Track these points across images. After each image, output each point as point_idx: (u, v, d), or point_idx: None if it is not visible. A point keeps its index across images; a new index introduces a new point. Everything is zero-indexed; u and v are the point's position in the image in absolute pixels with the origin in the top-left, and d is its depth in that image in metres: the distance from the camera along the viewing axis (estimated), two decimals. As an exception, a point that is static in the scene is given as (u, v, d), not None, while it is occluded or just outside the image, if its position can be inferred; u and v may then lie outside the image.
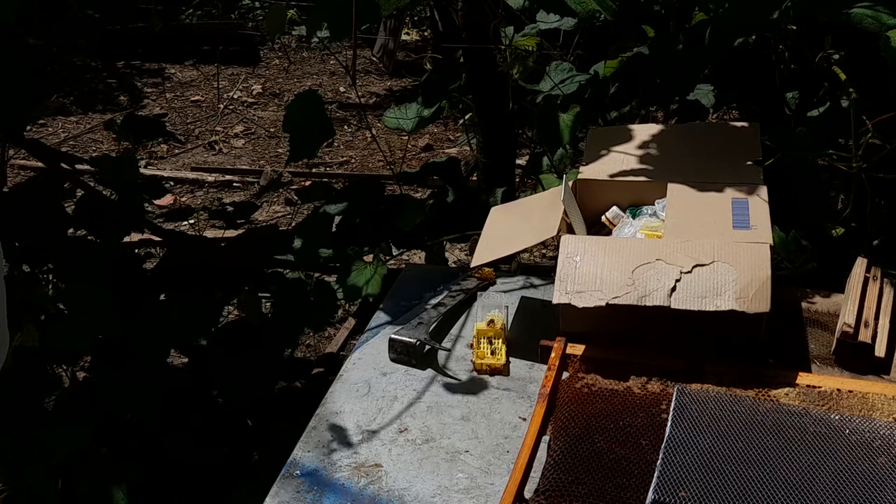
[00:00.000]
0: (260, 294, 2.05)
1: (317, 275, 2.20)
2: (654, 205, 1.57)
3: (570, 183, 1.57)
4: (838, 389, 1.26)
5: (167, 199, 4.09)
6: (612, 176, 1.62)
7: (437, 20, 2.69)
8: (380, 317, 1.59)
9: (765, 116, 1.89)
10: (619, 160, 1.66)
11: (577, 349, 1.37)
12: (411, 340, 1.46)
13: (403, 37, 5.98)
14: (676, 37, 1.95)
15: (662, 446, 1.14)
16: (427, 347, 1.47)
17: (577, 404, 1.27)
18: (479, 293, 1.63)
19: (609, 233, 1.58)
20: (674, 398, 1.22)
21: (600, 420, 1.24)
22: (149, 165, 4.63)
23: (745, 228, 1.41)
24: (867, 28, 1.46)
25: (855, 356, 1.36)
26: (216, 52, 5.45)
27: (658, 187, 1.57)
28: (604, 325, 1.39)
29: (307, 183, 4.18)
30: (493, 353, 1.43)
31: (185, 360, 2.31)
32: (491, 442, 1.28)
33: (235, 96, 5.48)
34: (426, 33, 5.88)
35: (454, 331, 1.54)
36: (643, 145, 1.69)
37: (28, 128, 2.99)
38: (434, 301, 1.58)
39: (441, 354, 1.47)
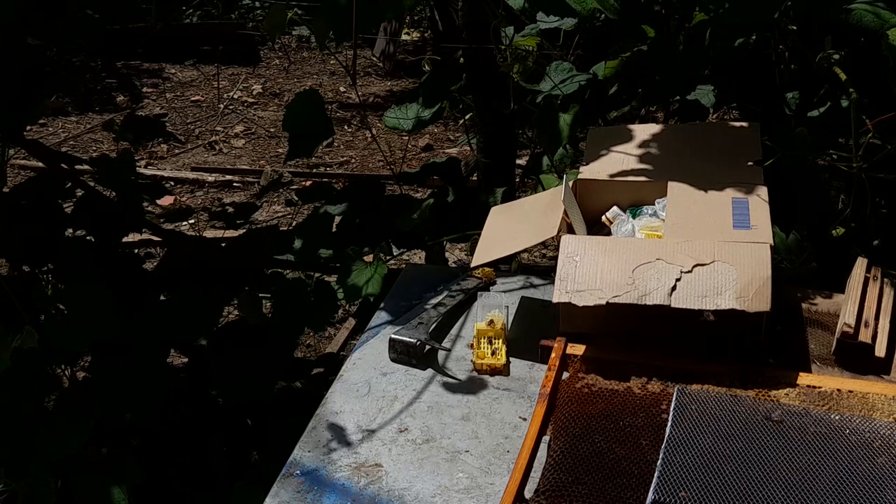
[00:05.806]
0: (260, 294, 2.05)
1: (317, 275, 2.20)
2: (654, 204, 1.57)
3: (570, 183, 1.57)
4: (838, 389, 1.26)
5: (167, 200, 4.09)
6: (612, 176, 1.62)
7: (437, 20, 2.69)
8: (380, 317, 1.59)
9: (765, 116, 1.89)
10: (619, 160, 1.66)
11: (577, 349, 1.37)
12: (411, 340, 1.46)
13: (403, 37, 5.98)
14: (676, 37, 1.95)
15: (662, 446, 1.14)
16: (427, 347, 1.47)
17: (578, 404, 1.27)
18: (479, 293, 1.63)
19: (609, 232, 1.58)
20: (674, 398, 1.22)
21: (600, 420, 1.24)
22: (149, 165, 4.63)
23: (745, 228, 1.41)
24: (868, 26, 1.45)
25: (855, 356, 1.35)
26: (216, 52, 5.45)
27: (658, 187, 1.57)
28: (604, 325, 1.39)
29: (307, 183, 4.19)
30: (493, 353, 1.43)
31: (185, 360, 2.31)
32: (491, 442, 1.28)
33: (235, 96, 5.48)
34: (426, 34, 5.88)
35: (454, 331, 1.54)
36: (643, 145, 1.69)
37: (28, 128, 2.99)
38: (434, 301, 1.58)
39: (441, 354, 1.47)
